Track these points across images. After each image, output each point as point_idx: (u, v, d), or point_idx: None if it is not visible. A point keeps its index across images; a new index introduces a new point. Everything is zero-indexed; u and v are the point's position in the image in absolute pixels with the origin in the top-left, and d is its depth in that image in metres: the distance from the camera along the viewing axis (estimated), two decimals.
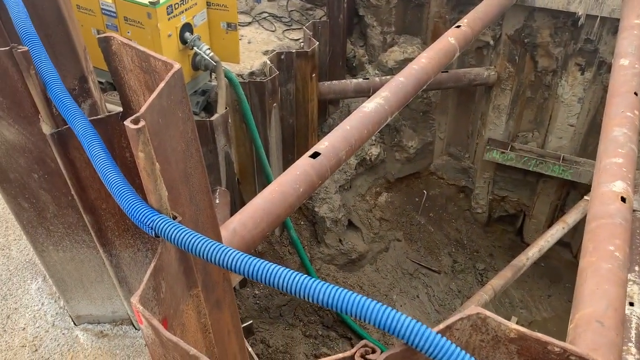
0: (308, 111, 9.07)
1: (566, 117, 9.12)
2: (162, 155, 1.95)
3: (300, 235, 9.56)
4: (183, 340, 2.20)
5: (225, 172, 7.78)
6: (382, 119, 6.85)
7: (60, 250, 3.10)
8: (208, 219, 2.36)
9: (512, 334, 1.68)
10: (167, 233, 1.87)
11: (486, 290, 8.03)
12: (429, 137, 10.32)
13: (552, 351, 1.63)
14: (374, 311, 1.62)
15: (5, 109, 2.39)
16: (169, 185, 2.03)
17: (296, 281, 1.67)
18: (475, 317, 1.72)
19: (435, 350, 1.56)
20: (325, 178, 6.05)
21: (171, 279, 2.01)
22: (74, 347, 3.36)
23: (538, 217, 10.09)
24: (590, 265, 4.72)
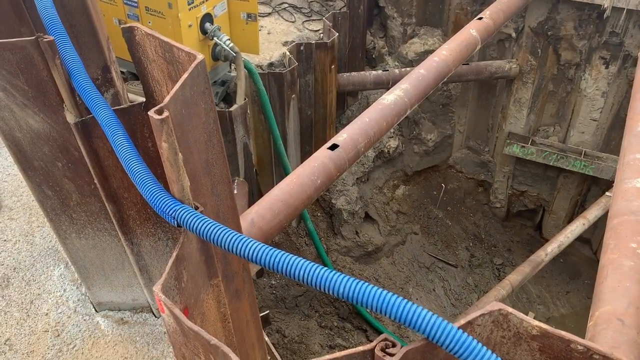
0: (326, 103, 9.04)
1: (589, 111, 8.97)
2: (185, 145, 1.96)
3: (317, 226, 9.57)
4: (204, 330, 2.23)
5: (243, 163, 7.81)
6: (402, 111, 6.81)
7: (82, 238, 3.14)
8: (229, 210, 2.37)
9: (535, 331, 1.66)
10: (189, 223, 1.88)
11: (504, 285, 7.98)
12: (448, 130, 10.24)
13: (575, 349, 1.62)
14: (394, 305, 1.62)
15: (30, 97, 2.42)
16: (191, 176, 2.04)
17: (315, 273, 1.67)
18: (497, 313, 1.71)
19: (457, 346, 1.55)
20: (343, 170, 6.04)
21: (192, 269, 2.02)
22: (95, 333, 3.41)
23: (558, 213, 9.97)
24: (612, 263, 4.66)
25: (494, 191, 10.31)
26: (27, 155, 2.71)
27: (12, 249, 3.82)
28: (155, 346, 3.36)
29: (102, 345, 3.35)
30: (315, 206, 9.67)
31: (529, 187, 10.03)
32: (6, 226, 3.97)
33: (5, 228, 3.96)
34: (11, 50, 2.25)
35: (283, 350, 8.47)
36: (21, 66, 2.30)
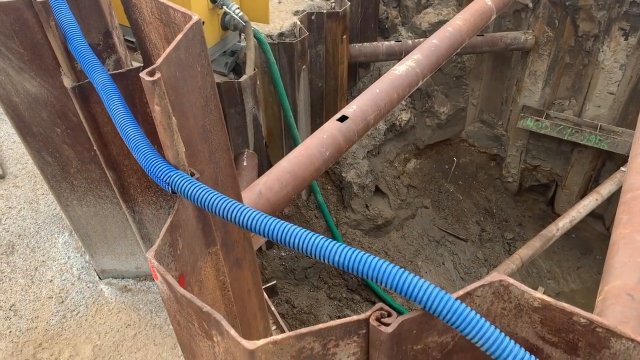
0: (338, 74, 8.92)
1: (606, 84, 8.75)
2: (180, 109, 1.91)
3: (327, 199, 9.54)
4: (201, 298, 2.21)
5: (253, 134, 7.76)
6: (413, 82, 6.69)
7: (84, 205, 3.13)
8: (228, 178, 2.33)
9: (536, 303, 1.61)
10: (183, 189, 1.84)
11: (513, 259, 7.92)
12: (462, 103, 10.07)
13: (578, 322, 1.56)
14: (391, 274, 1.57)
15: (26, 61, 2.37)
16: (187, 142, 1.99)
17: (309, 241, 1.63)
18: (497, 285, 1.66)
19: (453, 317, 1.50)
20: (352, 142, 5.97)
21: (189, 236, 1.99)
22: (99, 300, 3.43)
23: (571, 188, 9.83)
24: (623, 237, 4.58)
25: (507, 165, 10.17)
26: (26, 121, 2.68)
27: (17, 216, 3.83)
28: (158, 314, 3.37)
29: (106, 312, 3.37)
30: (325, 179, 9.63)
31: (542, 161, 9.88)
32: (11, 193, 3.98)
33: (10, 195, 3.97)
34: (4, 11, 2.20)
35: (292, 321, 8.55)
36: (15, 28, 2.25)
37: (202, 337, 1.78)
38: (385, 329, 1.55)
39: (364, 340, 1.65)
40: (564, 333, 1.61)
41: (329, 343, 1.62)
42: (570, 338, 1.61)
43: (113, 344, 3.23)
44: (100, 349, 3.20)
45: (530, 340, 1.72)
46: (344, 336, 1.62)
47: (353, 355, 1.69)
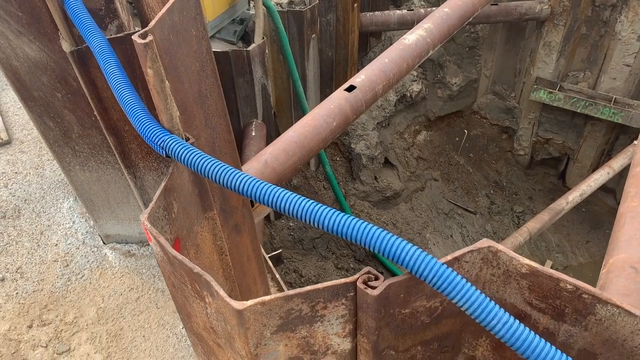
0: (348, 43, 8.81)
1: (622, 56, 8.57)
2: (174, 73, 1.90)
3: (336, 171, 9.54)
4: (197, 261, 2.24)
5: (261, 104, 7.74)
6: (423, 52, 6.60)
7: (86, 171, 3.16)
8: (225, 144, 2.34)
9: (524, 269, 1.62)
10: (177, 153, 1.85)
11: (521, 232, 7.90)
12: (474, 74, 9.93)
13: (565, 288, 1.57)
14: (378, 238, 1.58)
15: (25, 24, 2.37)
16: (182, 106, 1.99)
17: (295, 203, 1.64)
18: (486, 251, 1.66)
19: (439, 281, 1.51)
20: (360, 112, 5.94)
21: (184, 200, 2.01)
22: (103, 265, 3.50)
23: (583, 161, 9.73)
24: (630, 210, 4.54)
25: (518, 138, 10.07)
26: (27, 85, 2.70)
27: (23, 181, 3.89)
28: (160, 278, 3.43)
29: (110, 276, 3.44)
30: (335, 150, 9.61)
31: (555, 134, 9.77)
32: (17, 159, 4.03)
33: (17, 161, 4.02)
34: None
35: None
36: None
37: (195, 298, 1.81)
38: (372, 291, 1.57)
39: (352, 303, 1.67)
40: (551, 299, 1.62)
41: (317, 305, 1.65)
42: (557, 304, 1.62)
43: (116, 307, 3.30)
44: (104, 311, 3.27)
45: (518, 306, 1.73)
46: (332, 299, 1.64)
47: (342, 317, 1.71)
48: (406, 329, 1.80)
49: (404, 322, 1.77)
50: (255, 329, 1.64)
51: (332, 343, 1.80)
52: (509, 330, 1.45)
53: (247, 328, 1.62)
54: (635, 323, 1.47)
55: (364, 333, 1.72)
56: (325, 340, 1.78)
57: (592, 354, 1.65)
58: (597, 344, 1.61)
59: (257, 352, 1.72)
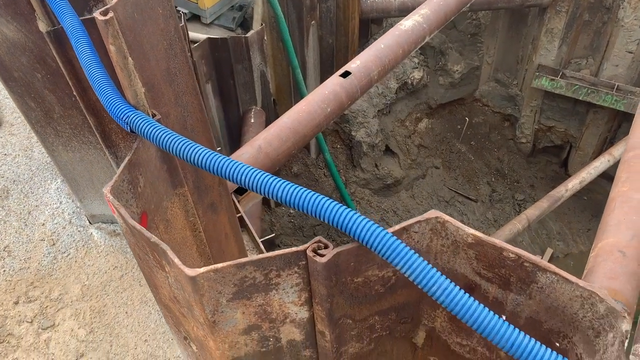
0: (348, 30, 8.80)
1: (625, 42, 8.49)
2: (139, 51, 1.96)
3: (336, 158, 9.57)
4: (167, 236, 2.31)
5: (260, 91, 7.77)
6: (420, 38, 6.59)
7: (69, 151, 3.23)
8: (198, 123, 2.39)
9: (470, 239, 1.66)
10: (140, 128, 1.91)
11: (520, 219, 7.91)
12: (476, 61, 9.89)
13: (508, 257, 1.61)
14: (328, 209, 1.63)
15: (1, 5, 2.43)
16: (149, 83, 2.05)
17: (252, 175, 1.68)
18: (434, 221, 1.70)
19: (384, 249, 1.56)
20: (355, 98, 5.95)
21: (151, 176, 2.07)
22: (88, 244, 3.58)
23: (585, 149, 9.68)
24: (621, 195, 4.56)
25: (520, 126, 10.03)
26: (6, 66, 2.76)
27: (12, 163, 3.97)
28: None
29: (95, 255, 3.52)
30: (335, 138, 9.64)
31: (557, 122, 9.71)
32: (7, 141, 4.12)
33: (6, 143, 4.11)
34: None
35: None
36: None
37: (158, 268, 1.87)
38: (320, 259, 1.62)
39: (305, 271, 1.72)
40: (497, 268, 1.66)
41: (270, 273, 1.70)
42: (502, 273, 1.66)
43: (100, 284, 3.39)
44: (89, 289, 3.36)
45: (469, 277, 1.77)
46: (285, 267, 1.70)
47: (296, 286, 1.77)
48: (361, 298, 1.85)
49: (357, 290, 1.82)
50: (211, 296, 1.70)
51: (289, 311, 1.85)
52: (448, 295, 1.49)
53: (201, 295, 1.68)
54: (572, 290, 1.51)
55: (318, 301, 1.78)
56: (282, 309, 1.83)
57: (538, 322, 1.69)
58: (542, 311, 1.65)
59: (214, 319, 1.78)
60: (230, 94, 7.47)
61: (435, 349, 2.12)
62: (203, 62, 6.97)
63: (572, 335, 1.61)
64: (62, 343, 3.07)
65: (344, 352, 2.02)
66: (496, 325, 1.48)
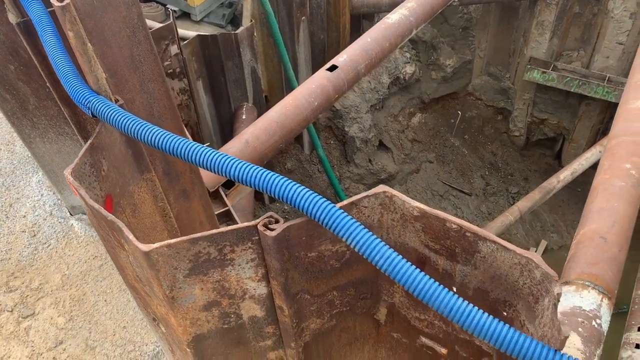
0: (340, 26, 8.84)
1: (615, 34, 8.50)
2: (100, 37, 2.01)
3: (330, 154, 9.62)
4: (135, 220, 2.36)
5: (252, 88, 7.81)
6: (407, 31, 6.64)
7: (46, 142, 3.29)
8: (166, 110, 2.44)
9: (415, 211, 1.70)
10: (102, 112, 1.96)
11: (512, 211, 7.94)
12: (468, 55, 9.92)
13: (451, 228, 1.65)
14: (277, 185, 1.67)
15: None
16: (112, 70, 2.10)
17: (198, 152, 1.73)
18: (382, 196, 1.75)
19: (330, 221, 1.60)
20: (342, 92, 5.99)
21: (115, 160, 2.12)
22: (69, 234, 3.64)
23: (578, 141, 9.70)
24: (603, 183, 4.60)
25: (514, 119, 10.05)
26: None
27: None
28: None
29: (75, 245, 3.58)
30: (328, 134, 9.68)
31: (550, 114, 9.73)
32: None
33: None
34: None
35: None
36: None
37: (120, 248, 1.93)
38: (270, 233, 1.67)
39: (259, 246, 1.77)
40: (442, 240, 1.70)
41: (224, 249, 1.75)
42: (448, 244, 1.70)
43: (80, 273, 3.45)
44: (69, 278, 3.42)
45: (419, 250, 1.82)
46: (238, 242, 1.74)
47: (251, 261, 1.81)
48: (316, 272, 1.90)
49: (312, 265, 1.86)
50: (167, 272, 1.75)
51: (247, 287, 1.90)
52: (391, 263, 1.53)
53: (157, 270, 1.73)
54: (511, 257, 1.56)
55: (273, 275, 1.82)
56: (240, 285, 1.88)
57: (485, 292, 1.74)
58: (487, 281, 1.70)
59: (172, 295, 1.83)
60: (222, 90, 7.52)
61: (397, 325, 2.17)
62: (193, 59, 7.02)
63: (516, 304, 1.66)
64: (42, 331, 3.13)
65: (305, 327, 2.07)
66: (440, 294, 1.52)
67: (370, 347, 2.32)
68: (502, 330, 1.38)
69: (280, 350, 2.18)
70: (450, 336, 1.99)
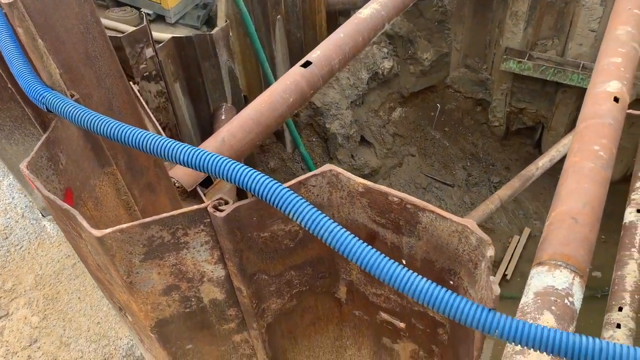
0: (316, 23, 8.92)
1: (587, 22, 8.64)
2: (52, 34, 2.05)
3: (312, 151, 9.67)
4: (98, 213, 2.40)
5: (230, 88, 7.85)
6: (379, 25, 6.70)
7: (13, 144, 3.32)
8: (125, 105, 2.48)
9: (360, 187, 1.76)
10: (56, 107, 2.00)
11: (492, 199, 8.02)
12: (445, 48, 10.02)
13: (393, 201, 1.71)
14: (225, 167, 1.72)
15: None
16: (67, 65, 2.14)
17: (153, 141, 1.78)
18: (329, 174, 1.80)
19: (277, 199, 1.65)
20: (317, 87, 6.04)
21: (73, 154, 2.16)
22: (41, 235, 3.67)
23: (557, 129, 9.83)
24: (573, 165, 4.67)
25: (493, 110, 10.17)
26: None
27: None
28: None
29: (48, 245, 3.61)
30: (310, 131, 9.74)
31: (528, 103, 9.86)
32: None
33: None
34: None
35: None
36: None
37: (79, 238, 1.97)
38: (220, 214, 1.72)
39: (211, 229, 1.82)
40: (387, 213, 1.76)
41: (177, 232, 1.80)
42: (392, 218, 1.76)
43: (53, 273, 3.47)
44: (42, 278, 3.45)
45: (368, 225, 1.87)
46: (191, 225, 1.79)
47: (206, 244, 1.86)
48: (272, 252, 1.95)
49: (266, 245, 1.92)
50: (122, 257, 1.80)
51: (205, 270, 1.95)
52: (335, 237, 1.59)
53: (112, 255, 1.77)
54: (449, 225, 1.62)
55: (228, 257, 1.87)
56: (197, 268, 1.93)
57: (430, 262, 1.80)
58: (431, 250, 1.76)
59: (130, 280, 1.87)
60: (200, 92, 7.55)
61: (357, 303, 2.23)
62: (170, 62, 7.05)
63: (459, 271, 1.72)
64: (16, 330, 3.16)
65: (266, 308, 2.12)
66: (382, 263, 1.57)
67: (334, 327, 2.37)
68: (436, 291, 1.44)
69: (245, 332, 2.23)
70: (406, 309, 2.05)
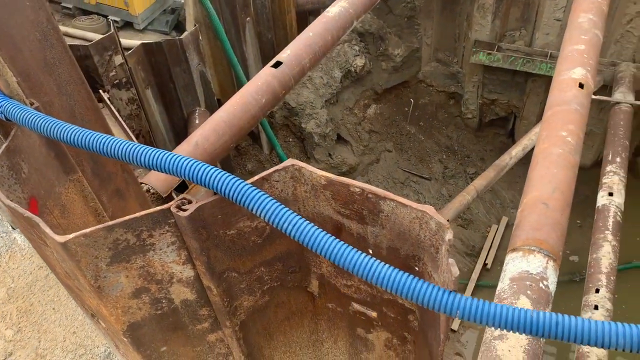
0: (286, 24, 8.92)
1: (552, 11, 8.79)
2: (8, 42, 2.03)
3: (289, 152, 9.68)
4: (66, 220, 2.38)
5: (202, 92, 7.83)
6: (347, 23, 6.73)
7: None
8: (89, 112, 2.47)
9: (323, 180, 1.78)
10: (15, 115, 1.99)
11: (468, 190, 8.11)
12: (416, 43, 10.10)
13: (355, 192, 1.74)
14: (187, 167, 1.73)
15: None
16: (24, 73, 2.12)
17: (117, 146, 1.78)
18: (292, 169, 1.82)
19: (239, 196, 1.66)
20: (289, 87, 6.05)
21: (36, 162, 2.15)
22: (12, 248, 3.62)
23: (529, 118, 9.97)
24: (542, 152, 4.76)
25: (465, 102, 10.28)
26: None
27: None
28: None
29: (19, 258, 3.57)
30: (286, 132, 9.75)
31: (499, 94, 9.99)
32: None
33: None
34: None
35: None
36: None
37: (44, 245, 1.96)
38: (183, 213, 1.72)
39: (176, 229, 1.82)
40: (350, 204, 1.79)
41: (142, 234, 1.80)
42: (356, 208, 1.79)
43: (26, 285, 3.43)
44: (14, 291, 3.40)
45: (333, 217, 1.90)
46: (155, 226, 1.79)
47: (172, 244, 1.87)
48: (239, 250, 1.96)
49: (234, 243, 1.93)
50: (88, 262, 1.79)
51: (173, 271, 1.95)
52: (298, 229, 1.61)
53: (78, 261, 1.77)
54: (409, 212, 1.65)
55: (195, 256, 1.88)
56: (165, 269, 1.93)
57: (395, 249, 1.83)
58: (395, 238, 1.78)
59: (98, 285, 1.87)
60: (172, 97, 7.51)
61: (330, 295, 2.25)
62: (140, 68, 7.00)
63: (422, 257, 1.75)
64: None
65: (238, 306, 2.13)
66: (344, 251, 1.59)
67: (309, 321, 2.39)
68: (398, 277, 1.46)
69: (219, 331, 2.23)
70: (376, 299, 2.08)
